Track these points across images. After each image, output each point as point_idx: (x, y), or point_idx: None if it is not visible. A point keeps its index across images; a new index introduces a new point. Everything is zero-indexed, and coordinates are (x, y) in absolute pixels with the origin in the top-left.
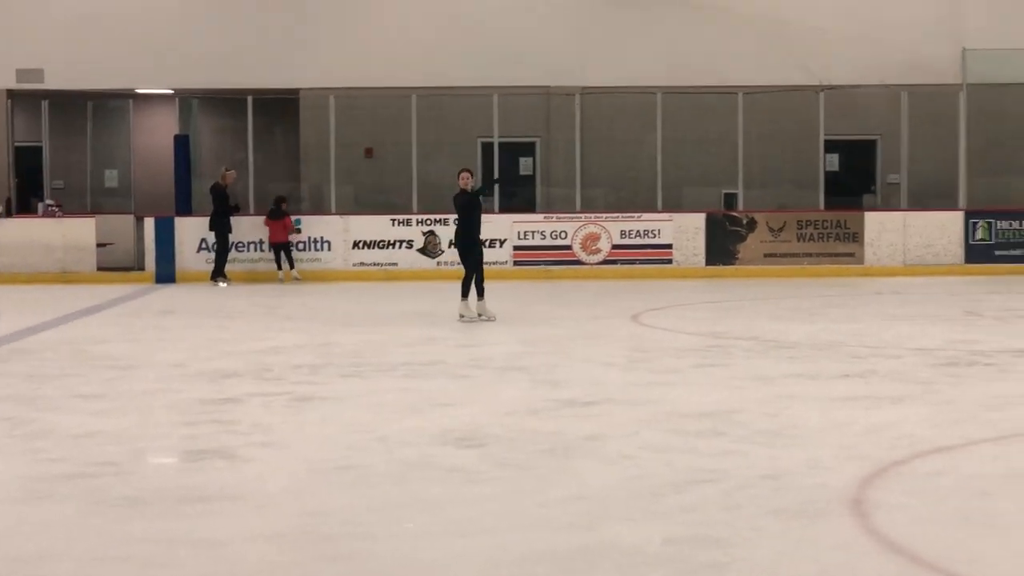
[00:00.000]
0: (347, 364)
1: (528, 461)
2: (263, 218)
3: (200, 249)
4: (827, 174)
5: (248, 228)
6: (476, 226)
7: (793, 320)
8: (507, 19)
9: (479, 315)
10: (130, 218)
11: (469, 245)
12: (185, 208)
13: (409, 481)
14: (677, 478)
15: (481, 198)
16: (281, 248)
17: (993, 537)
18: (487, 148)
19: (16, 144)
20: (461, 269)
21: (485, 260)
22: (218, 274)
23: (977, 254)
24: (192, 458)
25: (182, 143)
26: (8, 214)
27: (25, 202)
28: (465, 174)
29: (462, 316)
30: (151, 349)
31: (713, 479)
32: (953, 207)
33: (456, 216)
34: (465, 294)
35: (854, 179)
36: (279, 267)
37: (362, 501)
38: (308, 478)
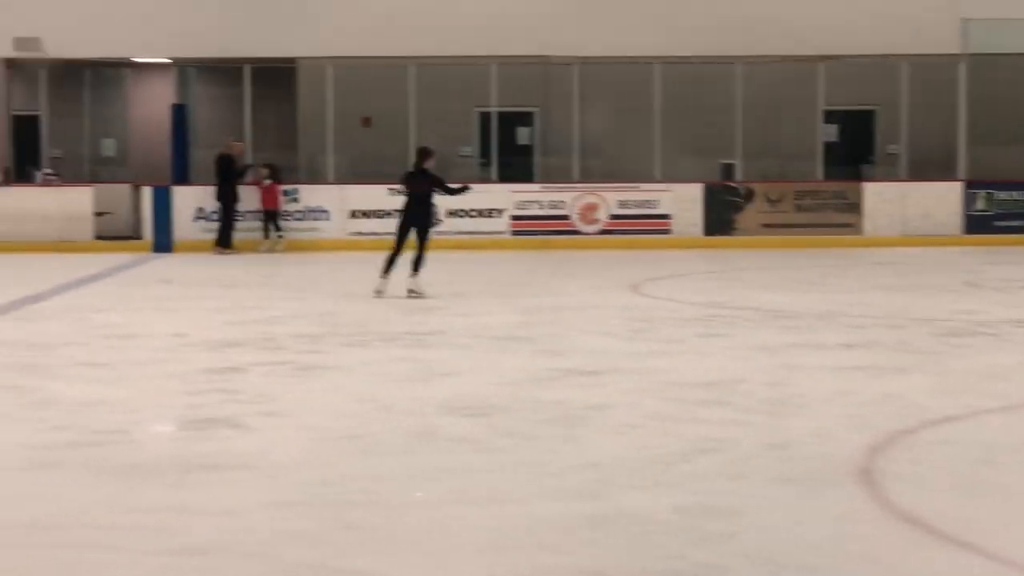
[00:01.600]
0: (349, 333)
1: (534, 431)
2: (256, 187)
3: (197, 218)
4: (825, 144)
5: (244, 197)
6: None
7: (793, 290)
8: None
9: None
10: (127, 187)
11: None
12: (182, 177)
13: (417, 450)
14: (684, 447)
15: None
16: (271, 215)
17: (1000, 506)
18: (485, 118)
19: (14, 113)
20: (459, 239)
21: (484, 229)
22: (223, 243)
23: (976, 225)
24: (198, 427)
25: (179, 112)
26: (6, 183)
27: (23, 171)
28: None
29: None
30: (152, 318)
31: (719, 448)
32: (952, 177)
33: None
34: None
35: (853, 149)
36: (266, 235)
37: (371, 470)
38: (316, 447)
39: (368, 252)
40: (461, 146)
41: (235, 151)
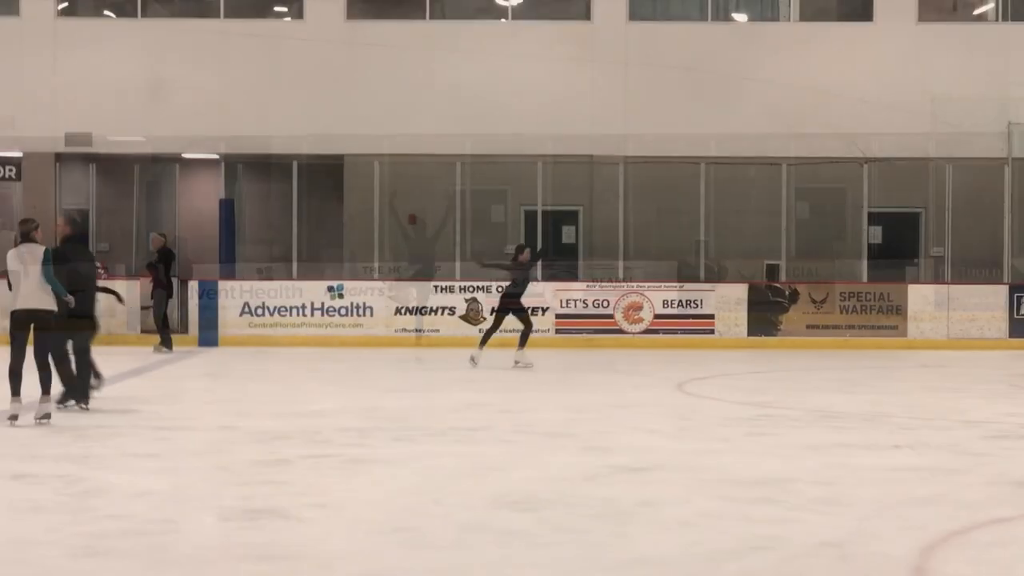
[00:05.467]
0: (395, 428)
1: (584, 526)
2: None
3: (243, 312)
4: (870, 246)
5: (290, 293)
6: None
7: (839, 391)
8: (552, 88)
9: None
10: (174, 281)
11: None
12: (229, 272)
13: (467, 544)
14: (734, 545)
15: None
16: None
17: None
18: (531, 216)
19: (64, 207)
20: (503, 337)
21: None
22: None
23: (1023, 328)
24: (249, 517)
25: (227, 207)
26: None
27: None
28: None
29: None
30: (200, 411)
31: (770, 547)
32: (998, 281)
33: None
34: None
35: (898, 251)
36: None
37: (421, 563)
38: (366, 539)
39: (412, 349)
40: (507, 244)
41: (153, 245)
